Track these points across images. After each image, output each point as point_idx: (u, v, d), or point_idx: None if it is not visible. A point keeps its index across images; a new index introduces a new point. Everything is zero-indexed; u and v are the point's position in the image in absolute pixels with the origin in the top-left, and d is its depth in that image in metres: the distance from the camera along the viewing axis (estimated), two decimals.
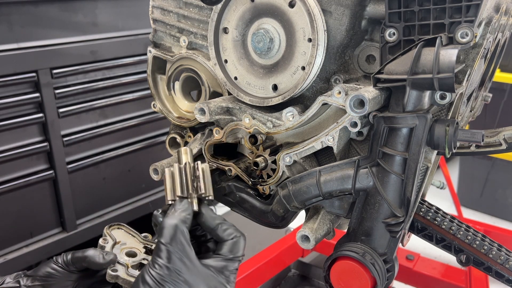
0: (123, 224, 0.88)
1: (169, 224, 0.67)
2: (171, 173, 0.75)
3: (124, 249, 0.82)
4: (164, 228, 0.67)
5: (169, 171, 0.75)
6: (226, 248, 0.71)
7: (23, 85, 1.59)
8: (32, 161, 1.68)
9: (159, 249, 0.65)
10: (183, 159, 0.78)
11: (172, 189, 0.74)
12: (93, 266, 0.76)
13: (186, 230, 0.68)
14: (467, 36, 0.74)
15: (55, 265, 0.77)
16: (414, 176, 0.78)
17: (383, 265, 0.81)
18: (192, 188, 0.74)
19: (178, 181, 0.74)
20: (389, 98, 0.80)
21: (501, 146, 1.00)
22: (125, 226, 0.88)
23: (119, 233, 0.86)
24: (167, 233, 0.66)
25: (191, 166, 0.76)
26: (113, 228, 0.87)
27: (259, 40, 0.88)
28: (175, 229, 0.67)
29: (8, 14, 1.52)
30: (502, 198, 2.40)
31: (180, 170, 0.76)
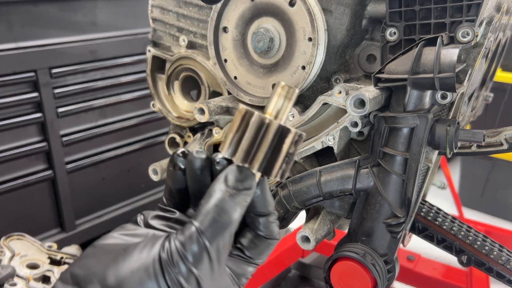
0: (23, 234, 0.82)
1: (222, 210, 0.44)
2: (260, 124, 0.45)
3: (25, 261, 0.75)
4: (213, 211, 0.43)
5: (259, 119, 0.45)
6: (258, 249, 0.51)
7: (22, 85, 1.59)
8: (31, 161, 1.67)
9: (192, 239, 0.42)
10: (284, 112, 0.48)
11: (249, 149, 0.45)
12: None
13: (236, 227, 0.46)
14: (468, 35, 0.74)
15: None
16: (415, 176, 0.77)
17: (383, 266, 0.80)
18: (277, 167, 0.46)
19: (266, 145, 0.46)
20: (389, 98, 0.80)
21: (502, 146, 1.00)
22: (26, 237, 0.82)
23: (19, 244, 0.80)
24: (214, 224, 0.43)
25: (294, 133, 0.46)
26: (12, 239, 0.81)
27: (259, 39, 0.88)
28: (229, 225, 0.44)
29: (7, 14, 1.51)
30: (503, 198, 2.39)
31: (277, 131, 0.46)
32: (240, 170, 0.46)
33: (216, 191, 0.45)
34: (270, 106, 0.47)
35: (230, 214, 0.44)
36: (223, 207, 0.44)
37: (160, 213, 0.51)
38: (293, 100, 0.48)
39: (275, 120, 0.46)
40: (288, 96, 0.47)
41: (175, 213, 0.51)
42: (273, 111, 0.47)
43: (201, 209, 0.44)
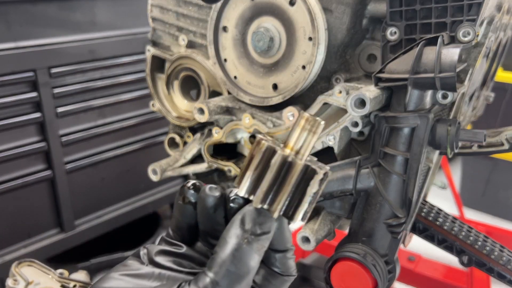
0: (34, 260, 0.77)
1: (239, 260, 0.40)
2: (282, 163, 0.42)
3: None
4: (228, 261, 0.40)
5: (281, 158, 0.42)
6: (272, 287, 0.47)
7: (21, 85, 1.58)
8: (30, 161, 1.66)
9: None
10: (309, 148, 0.43)
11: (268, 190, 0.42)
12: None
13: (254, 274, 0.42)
14: (468, 35, 0.73)
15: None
16: (415, 176, 0.77)
17: (384, 266, 0.80)
18: (301, 211, 0.43)
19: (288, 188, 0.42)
20: (390, 98, 0.79)
21: (503, 146, 1.00)
22: (36, 263, 0.77)
23: (30, 271, 0.74)
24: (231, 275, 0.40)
25: (310, 169, 0.42)
26: (23, 265, 0.77)
27: (259, 39, 0.87)
28: (246, 275, 0.40)
29: (6, 13, 1.51)
30: (504, 199, 2.39)
31: (301, 171, 0.42)
32: (259, 212, 0.42)
33: (232, 237, 0.41)
34: (292, 140, 0.43)
35: (247, 263, 0.40)
36: (240, 257, 0.40)
37: (165, 248, 0.47)
38: (318, 133, 0.43)
39: (296, 155, 0.42)
40: (313, 130, 0.43)
41: (182, 248, 0.47)
42: (295, 146, 0.42)
43: (216, 258, 0.40)
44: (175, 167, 1.05)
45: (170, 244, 0.48)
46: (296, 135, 0.43)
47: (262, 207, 0.42)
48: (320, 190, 0.43)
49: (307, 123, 0.42)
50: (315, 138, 0.43)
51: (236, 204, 0.45)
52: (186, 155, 1.05)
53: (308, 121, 0.42)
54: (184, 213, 0.48)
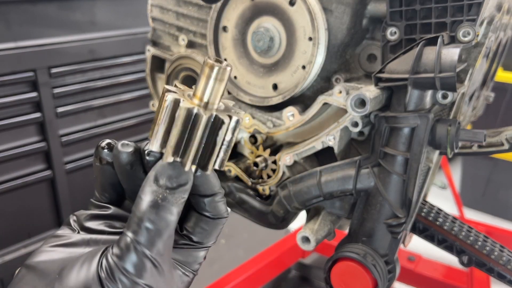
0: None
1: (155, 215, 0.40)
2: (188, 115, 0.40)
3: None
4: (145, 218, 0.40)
5: (186, 112, 0.40)
6: (205, 232, 0.47)
7: (20, 84, 1.58)
8: (30, 161, 1.66)
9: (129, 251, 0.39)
10: (217, 96, 0.42)
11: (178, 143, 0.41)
12: None
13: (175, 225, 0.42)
14: (469, 35, 0.73)
15: None
16: (415, 176, 0.77)
17: (384, 267, 0.80)
18: (213, 159, 0.42)
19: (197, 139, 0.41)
20: (390, 98, 0.79)
21: (503, 146, 1.00)
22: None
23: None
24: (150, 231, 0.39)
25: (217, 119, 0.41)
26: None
27: (259, 38, 0.87)
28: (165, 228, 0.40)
29: (6, 13, 1.51)
30: (505, 199, 2.39)
31: (207, 122, 0.41)
32: (172, 166, 0.41)
33: (147, 194, 0.40)
34: (199, 90, 0.41)
35: (165, 218, 0.40)
36: (157, 212, 0.40)
37: (94, 212, 0.47)
38: (225, 80, 0.41)
39: (207, 105, 0.41)
40: (219, 78, 0.41)
41: (109, 209, 0.47)
42: (203, 96, 0.41)
43: (133, 216, 0.40)
44: None
45: (98, 207, 0.48)
46: (202, 84, 0.41)
47: (174, 160, 0.41)
48: (233, 137, 0.42)
49: (211, 70, 0.40)
50: (223, 85, 0.41)
51: (153, 157, 0.44)
52: None
53: (213, 68, 0.40)
54: (104, 174, 0.47)
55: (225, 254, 2.16)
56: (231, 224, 2.59)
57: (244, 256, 2.10)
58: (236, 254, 2.15)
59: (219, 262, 2.10)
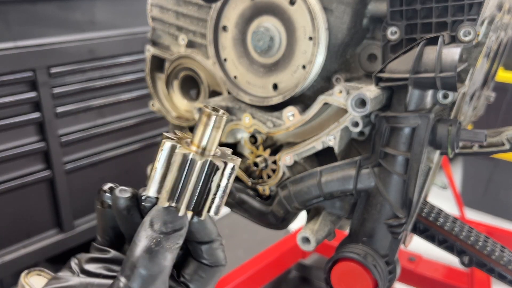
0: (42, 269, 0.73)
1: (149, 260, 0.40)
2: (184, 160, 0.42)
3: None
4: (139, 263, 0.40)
5: (181, 157, 0.42)
6: (203, 280, 0.46)
7: (20, 84, 1.58)
8: (29, 161, 1.66)
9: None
10: (213, 143, 0.44)
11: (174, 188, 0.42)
12: None
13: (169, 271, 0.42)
14: (469, 34, 0.73)
15: None
16: (416, 176, 0.77)
17: (385, 267, 0.80)
18: (208, 204, 0.44)
19: (192, 184, 0.42)
20: (391, 98, 0.79)
21: (504, 146, 0.99)
22: (45, 272, 0.73)
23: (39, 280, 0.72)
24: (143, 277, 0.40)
25: (211, 164, 0.43)
26: (32, 274, 0.73)
27: (259, 38, 0.87)
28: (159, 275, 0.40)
29: (5, 13, 1.50)
30: (506, 199, 2.39)
31: (203, 166, 0.42)
32: (166, 211, 0.42)
33: (141, 239, 0.41)
34: (196, 138, 0.43)
35: (159, 263, 0.40)
36: (150, 258, 0.40)
37: (94, 255, 0.48)
38: (221, 127, 0.43)
39: (203, 154, 0.43)
40: (216, 125, 0.43)
41: (109, 252, 0.48)
42: (200, 143, 0.43)
43: (127, 261, 0.40)
44: None
45: (99, 250, 0.49)
46: (200, 132, 0.43)
47: (170, 206, 0.42)
48: (228, 183, 0.44)
49: (209, 119, 0.43)
50: (220, 132, 0.43)
51: (149, 203, 0.45)
52: None
53: (210, 117, 0.42)
54: (105, 217, 0.48)
55: (226, 254, 2.16)
56: (231, 224, 2.60)
57: (244, 257, 2.09)
58: (236, 255, 2.15)
59: None
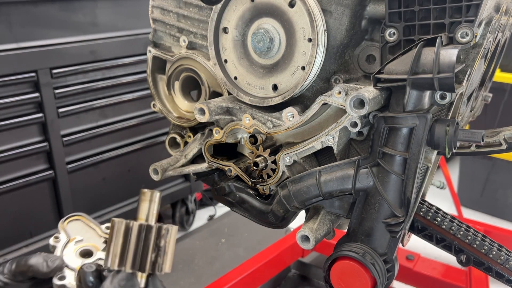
0: (82, 214, 0.76)
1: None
2: (126, 228, 0.55)
3: (79, 248, 0.72)
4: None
5: (124, 225, 0.55)
6: None
7: (22, 85, 1.59)
8: (32, 161, 1.67)
9: None
10: (148, 213, 0.57)
11: (121, 253, 0.54)
12: (38, 275, 0.68)
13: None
14: (467, 36, 0.74)
15: (2, 276, 0.69)
16: (414, 176, 0.78)
17: (383, 265, 0.81)
18: (149, 262, 0.55)
19: (133, 245, 0.54)
20: (389, 98, 0.80)
21: (501, 146, 1.00)
22: (84, 217, 0.76)
23: (76, 226, 0.74)
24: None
25: (157, 229, 0.56)
26: (70, 220, 0.75)
27: (259, 40, 0.88)
28: None
29: (7, 14, 1.51)
30: (503, 198, 2.39)
31: (140, 230, 0.55)
32: (116, 274, 0.53)
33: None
34: (139, 213, 0.56)
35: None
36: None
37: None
38: (157, 201, 0.56)
39: (146, 221, 0.55)
40: (152, 199, 0.56)
41: None
42: (142, 216, 0.56)
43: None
44: (176, 167, 1.06)
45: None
46: (140, 207, 0.56)
47: (119, 269, 0.54)
48: (166, 243, 0.55)
49: (144, 196, 0.56)
50: (156, 204, 0.57)
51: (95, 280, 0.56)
52: (186, 155, 1.06)
53: (146, 194, 0.56)
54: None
55: (226, 253, 2.17)
56: (231, 223, 2.61)
57: (244, 255, 2.10)
58: (236, 253, 2.16)
59: (220, 261, 2.11)
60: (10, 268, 0.70)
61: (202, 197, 2.60)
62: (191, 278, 1.96)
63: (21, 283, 0.69)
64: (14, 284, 0.69)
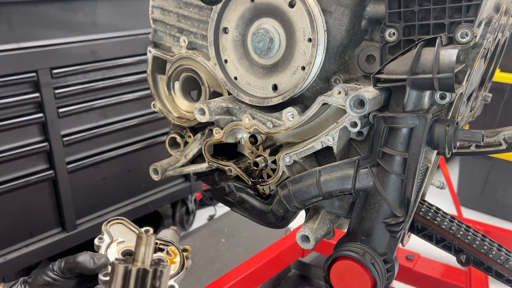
0: (123, 218, 0.83)
1: None
2: (125, 272, 0.61)
3: (121, 248, 0.79)
4: None
5: (123, 268, 0.61)
6: None
7: (23, 85, 1.59)
8: (32, 161, 1.68)
9: None
10: (144, 256, 0.62)
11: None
12: (85, 271, 0.74)
13: None
14: (467, 36, 0.74)
15: (52, 273, 0.76)
16: (414, 176, 0.78)
17: (383, 265, 0.81)
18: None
19: (131, 284, 0.61)
20: (389, 98, 0.80)
21: (501, 146, 1.00)
22: (125, 221, 0.83)
23: (118, 228, 0.82)
24: None
25: (153, 272, 0.62)
26: (112, 223, 0.83)
27: (259, 40, 0.88)
28: None
29: (8, 14, 1.52)
30: (502, 198, 2.40)
31: (137, 274, 0.61)
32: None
33: None
34: (135, 256, 0.62)
35: None
36: None
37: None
38: (151, 244, 0.62)
39: (143, 263, 0.61)
40: (148, 243, 0.61)
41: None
42: (139, 259, 0.61)
43: None
44: (176, 167, 1.06)
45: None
46: (137, 251, 0.62)
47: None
48: (161, 284, 0.61)
49: (141, 240, 0.61)
50: (151, 247, 0.62)
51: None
52: (187, 155, 1.06)
53: (142, 238, 0.61)
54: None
55: (226, 253, 2.17)
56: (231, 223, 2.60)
57: (244, 255, 2.11)
58: (236, 253, 2.16)
59: (220, 261, 2.11)
60: (59, 265, 0.76)
61: (202, 197, 2.60)
62: (191, 278, 1.97)
63: (69, 279, 0.76)
64: (62, 281, 0.75)
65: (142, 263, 0.62)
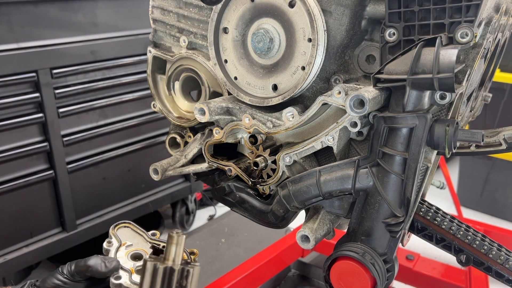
0: (129, 222, 0.84)
1: None
2: (153, 269, 0.62)
3: (130, 252, 0.79)
4: None
5: (151, 265, 0.62)
6: None
7: (23, 85, 1.59)
8: (32, 161, 1.68)
9: None
10: (175, 255, 0.63)
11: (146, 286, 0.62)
12: (96, 275, 0.74)
13: None
14: (467, 36, 0.74)
15: (61, 276, 0.76)
16: (414, 176, 0.78)
17: (383, 265, 0.81)
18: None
19: (159, 285, 0.62)
20: (389, 98, 0.80)
21: (501, 146, 1.01)
22: (132, 224, 0.84)
23: (125, 232, 0.83)
24: None
25: (180, 270, 0.63)
26: (119, 227, 0.83)
27: (259, 40, 0.88)
28: None
29: (8, 14, 1.52)
30: (502, 198, 2.40)
31: (165, 272, 0.62)
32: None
33: None
34: (166, 255, 0.63)
35: None
36: None
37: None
38: (182, 244, 0.62)
39: (174, 263, 0.62)
40: (179, 242, 0.62)
41: None
42: (169, 257, 0.62)
43: None
44: (176, 167, 1.06)
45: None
46: (167, 250, 0.62)
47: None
48: (187, 283, 0.62)
49: (171, 239, 0.62)
50: (181, 247, 0.63)
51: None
52: (187, 155, 1.06)
53: (172, 237, 0.62)
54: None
55: (226, 253, 2.17)
56: (231, 223, 2.61)
57: (244, 255, 2.11)
58: (236, 253, 2.16)
59: (220, 260, 2.11)
60: (69, 269, 0.76)
61: (202, 197, 2.60)
62: None
63: (78, 282, 0.76)
64: (72, 284, 0.76)
65: (173, 262, 0.63)
